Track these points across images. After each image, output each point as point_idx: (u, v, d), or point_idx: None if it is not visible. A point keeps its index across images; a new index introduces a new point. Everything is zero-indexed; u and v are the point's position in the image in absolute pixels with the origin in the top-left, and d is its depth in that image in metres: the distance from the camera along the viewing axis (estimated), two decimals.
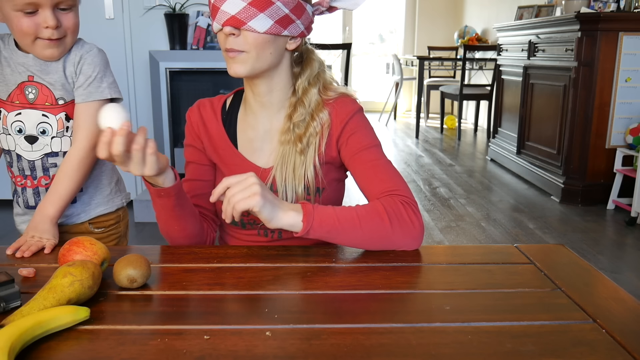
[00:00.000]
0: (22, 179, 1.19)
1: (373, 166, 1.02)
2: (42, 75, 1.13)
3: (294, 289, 0.81)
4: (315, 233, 0.91)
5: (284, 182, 1.03)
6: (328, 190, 1.08)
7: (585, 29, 3.24)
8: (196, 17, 3.01)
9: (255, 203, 0.86)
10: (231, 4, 0.92)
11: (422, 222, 0.96)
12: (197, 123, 1.12)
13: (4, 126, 1.15)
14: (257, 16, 0.93)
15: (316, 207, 0.92)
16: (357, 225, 0.92)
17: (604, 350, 0.65)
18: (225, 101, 1.13)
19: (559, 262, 0.94)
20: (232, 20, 0.93)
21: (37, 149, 1.16)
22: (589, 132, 3.36)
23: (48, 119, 1.14)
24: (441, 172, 4.34)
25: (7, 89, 1.14)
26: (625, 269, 2.50)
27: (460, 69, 5.57)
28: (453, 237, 2.88)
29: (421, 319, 0.72)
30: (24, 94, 1.13)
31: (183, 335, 0.67)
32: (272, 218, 0.88)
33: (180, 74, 3.01)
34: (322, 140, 1.04)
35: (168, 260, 0.93)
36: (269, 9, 0.93)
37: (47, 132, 1.15)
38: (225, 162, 1.10)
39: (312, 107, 1.03)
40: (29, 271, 0.85)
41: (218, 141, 1.10)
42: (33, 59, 1.13)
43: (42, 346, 0.64)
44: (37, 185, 1.19)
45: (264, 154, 1.08)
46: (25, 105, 1.14)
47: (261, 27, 0.94)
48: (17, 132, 1.15)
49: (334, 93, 1.06)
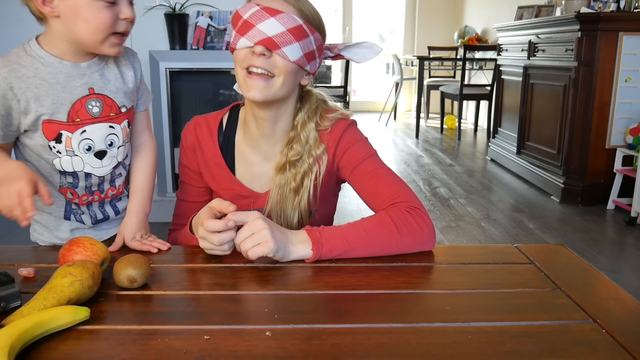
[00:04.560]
0: (89, 197, 1.11)
1: (372, 177, 1.03)
2: (103, 85, 1.05)
3: (294, 289, 0.81)
4: (326, 257, 0.91)
5: (279, 214, 1.06)
6: (321, 209, 1.10)
7: (585, 29, 3.24)
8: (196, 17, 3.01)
9: (269, 250, 0.86)
10: (270, 26, 0.92)
11: (430, 224, 0.96)
12: (192, 145, 1.11)
13: (68, 148, 1.04)
14: (292, 44, 0.94)
15: (323, 231, 0.91)
16: (367, 242, 0.92)
17: (604, 350, 0.65)
18: (222, 120, 1.12)
19: (559, 262, 0.94)
20: (268, 41, 0.93)
21: (107, 163, 1.09)
22: (589, 132, 3.35)
23: (114, 129, 1.08)
24: (441, 172, 4.34)
25: (64, 108, 1.01)
26: (625, 269, 2.50)
27: (460, 69, 5.57)
28: (453, 237, 2.88)
29: (421, 319, 0.72)
30: (86, 109, 1.03)
31: (183, 335, 0.67)
32: (283, 257, 0.89)
33: (180, 74, 3.01)
34: (318, 177, 1.05)
35: (168, 260, 0.93)
36: (303, 40, 0.95)
37: (114, 144, 1.08)
38: (222, 187, 1.10)
39: (310, 143, 1.04)
40: (29, 271, 0.85)
41: (214, 165, 1.09)
42: (87, 68, 1.03)
43: (42, 346, 0.64)
44: (104, 198, 1.13)
45: (262, 180, 1.09)
46: (90, 121, 1.04)
47: (293, 56, 0.95)
48: (86, 150, 1.05)
49: (329, 122, 1.06)
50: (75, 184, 1.08)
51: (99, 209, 1.14)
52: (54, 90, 0.99)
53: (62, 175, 1.07)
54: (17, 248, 1.00)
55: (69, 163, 1.05)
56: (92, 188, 1.10)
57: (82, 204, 1.11)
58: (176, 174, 3.06)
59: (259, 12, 0.92)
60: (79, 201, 1.11)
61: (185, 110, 3.08)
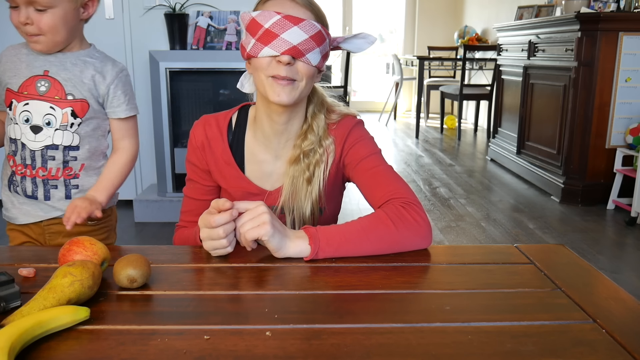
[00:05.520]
0: (23, 168, 1.26)
1: (373, 174, 1.05)
2: (57, 72, 1.22)
3: (294, 289, 0.81)
4: (323, 253, 0.91)
5: (292, 208, 1.08)
6: (329, 207, 1.12)
7: (585, 29, 3.24)
8: (196, 17, 3.01)
9: (265, 232, 0.87)
10: (294, 35, 0.94)
11: (427, 220, 0.97)
12: (201, 143, 1.11)
13: (14, 115, 1.23)
14: (314, 50, 0.97)
15: (319, 228, 0.93)
16: (364, 236, 0.93)
17: (604, 350, 0.65)
18: (231, 119, 1.13)
19: (559, 262, 0.94)
20: (294, 50, 0.95)
21: (40, 139, 1.23)
22: (589, 132, 3.36)
23: (54, 111, 1.22)
24: (441, 172, 4.34)
25: (19, 81, 1.22)
26: (625, 269, 2.50)
27: (460, 69, 5.57)
28: (453, 237, 2.88)
29: (421, 319, 0.72)
30: (35, 86, 1.22)
31: (183, 335, 0.67)
32: (280, 247, 0.90)
33: (180, 74, 3.01)
34: (326, 167, 1.08)
35: (168, 260, 0.93)
36: (323, 45, 0.99)
37: (52, 124, 1.23)
38: (231, 185, 1.11)
39: (320, 133, 1.08)
40: (29, 271, 0.85)
41: (223, 164, 1.11)
42: (52, 56, 1.22)
43: (42, 346, 0.64)
44: (35, 176, 1.26)
45: (272, 178, 1.11)
46: (35, 97, 1.22)
47: (314, 61, 0.98)
48: (25, 121, 1.22)
49: (337, 115, 1.11)
50: (15, 152, 1.26)
51: (32, 185, 1.27)
52: (19, 67, 1.23)
53: (10, 141, 1.26)
54: (17, 248, 1.00)
55: (13, 130, 1.24)
56: (26, 161, 1.25)
57: (18, 174, 1.27)
58: (176, 174, 3.06)
59: (281, 21, 0.94)
60: (16, 170, 1.27)
61: (185, 110, 3.08)
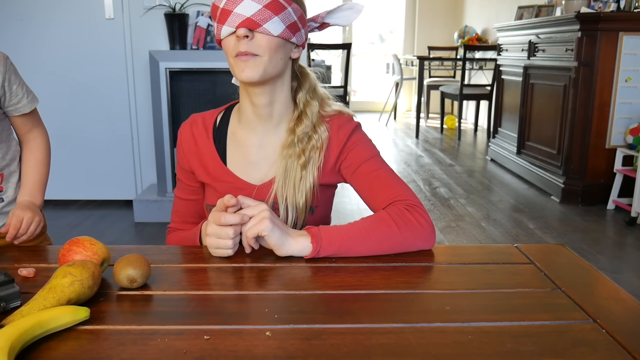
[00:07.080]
0: None
1: (374, 177, 1.03)
2: None
3: (294, 289, 0.81)
4: (325, 252, 0.91)
5: (285, 196, 1.04)
6: (320, 207, 1.10)
7: (585, 29, 3.24)
8: (196, 17, 3.01)
9: (264, 227, 0.87)
10: (246, 7, 0.92)
11: (430, 222, 0.97)
12: (187, 142, 1.11)
13: None
14: (272, 19, 0.93)
15: (321, 228, 0.93)
16: (366, 236, 0.93)
17: (604, 350, 0.65)
18: (217, 116, 1.12)
19: (559, 262, 0.94)
20: (248, 22, 0.93)
21: None
22: (589, 132, 3.36)
23: None
24: (441, 172, 4.34)
25: None
26: (625, 269, 2.50)
27: (460, 69, 5.57)
28: (453, 237, 2.88)
29: (421, 319, 0.72)
30: None
31: (183, 335, 0.67)
32: (281, 244, 0.89)
33: (180, 74, 3.01)
34: (320, 154, 1.05)
35: (168, 260, 0.93)
36: (282, 13, 0.94)
37: None
38: (216, 179, 1.09)
39: (314, 120, 1.05)
40: (29, 271, 0.85)
41: (208, 159, 1.09)
42: None
43: (42, 346, 0.64)
44: None
45: (258, 169, 1.07)
46: None
47: (275, 30, 0.94)
48: None
49: (330, 109, 1.08)
50: None
51: None
52: None
53: None
54: (17, 248, 1.00)
55: None
56: None
57: None
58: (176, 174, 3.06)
59: None
60: None
61: (185, 110, 3.08)
